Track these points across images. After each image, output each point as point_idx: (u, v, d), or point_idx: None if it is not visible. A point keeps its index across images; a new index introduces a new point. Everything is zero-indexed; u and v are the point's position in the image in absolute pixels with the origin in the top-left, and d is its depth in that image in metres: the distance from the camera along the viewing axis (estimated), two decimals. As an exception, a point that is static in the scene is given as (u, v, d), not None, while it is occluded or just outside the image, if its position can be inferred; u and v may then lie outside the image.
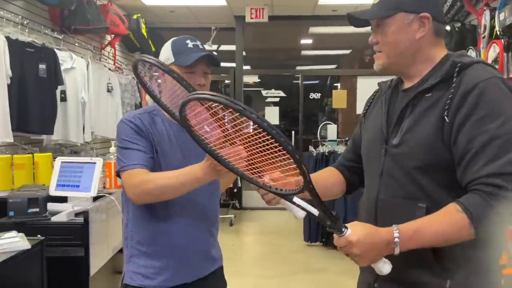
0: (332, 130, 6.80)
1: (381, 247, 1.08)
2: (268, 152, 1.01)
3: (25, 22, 3.49)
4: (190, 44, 1.54)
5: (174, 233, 1.54)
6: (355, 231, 1.08)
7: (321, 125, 6.99)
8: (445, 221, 1.08)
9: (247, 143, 1.06)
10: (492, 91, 1.10)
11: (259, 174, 1.11)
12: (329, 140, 5.94)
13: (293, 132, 7.11)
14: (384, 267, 1.11)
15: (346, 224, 1.10)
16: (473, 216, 1.05)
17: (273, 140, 0.95)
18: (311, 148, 5.55)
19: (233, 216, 6.31)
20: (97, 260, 2.54)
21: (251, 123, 0.97)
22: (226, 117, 1.08)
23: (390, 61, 1.24)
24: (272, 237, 5.62)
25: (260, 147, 1.02)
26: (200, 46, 1.56)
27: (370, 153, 1.33)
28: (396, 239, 1.08)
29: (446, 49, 1.26)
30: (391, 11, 1.20)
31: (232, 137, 1.10)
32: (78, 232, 2.38)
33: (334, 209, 4.63)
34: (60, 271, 2.25)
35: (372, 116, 1.38)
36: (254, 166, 1.10)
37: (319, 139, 6.17)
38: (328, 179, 1.46)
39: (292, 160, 0.97)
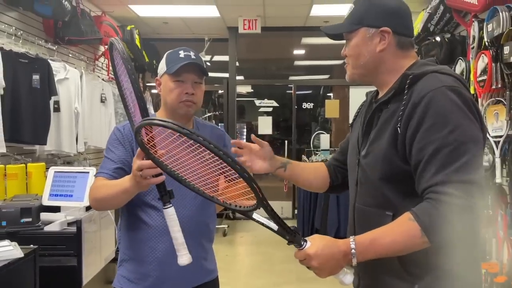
0: (325, 140, 6.85)
1: (338, 258, 1.11)
2: (222, 172, 1.05)
3: (19, 33, 3.52)
4: (182, 54, 1.59)
5: (157, 242, 1.56)
6: (314, 244, 1.11)
7: (314, 134, 7.03)
8: (399, 231, 1.11)
9: (202, 163, 1.09)
10: (439, 101, 1.12)
11: (217, 193, 1.14)
12: (322, 150, 5.98)
13: (286, 141, 7.15)
14: (346, 278, 1.14)
15: (306, 238, 1.13)
16: (424, 224, 1.07)
17: (223, 161, 0.99)
18: (304, 157, 5.59)
19: (227, 226, 6.30)
20: (90, 269, 2.54)
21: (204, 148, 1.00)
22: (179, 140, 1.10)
23: (355, 72, 1.30)
24: (265, 247, 5.62)
25: (213, 167, 1.06)
26: (193, 56, 1.60)
27: (349, 164, 1.39)
28: (353, 250, 1.10)
29: (415, 60, 1.29)
30: (354, 26, 1.27)
31: (188, 158, 1.13)
32: (71, 241, 2.39)
33: (328, 214, 4.66)
34: (53, 280, 2.25)
35: (355, 127, 1.42)
36: (210, 185, 1.14)
37: (312, 149, 6.21)
38: (314, 171, 1.53)
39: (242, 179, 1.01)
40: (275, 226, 1.11)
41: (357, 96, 6.58)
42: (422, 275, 1.16)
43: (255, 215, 1.12)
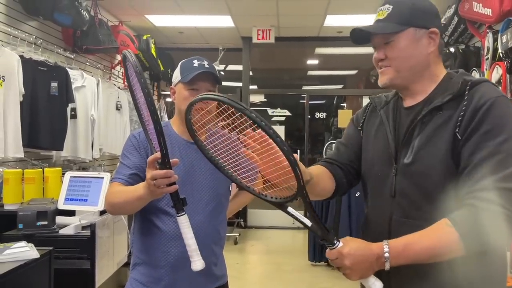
0: (337, 150, 6.82)
1: (371, 261, 1.08)
2: (266, 155, 1.04)
3: (38, 41, 3.62)
4: (196, 63, 1.63)
5: (170, 247, 1.59)
6: (347, 244, 1.09)
7: (327, 144, 7.02)
8: (435, 236, 1.07)
9: (247, 148, 1.09)
10: (498, 109, 1.11)
11: (253, 183, 1.13)
12: (334, 159, 5.95)
13: (298, 151, 7.15)
14: (375, 285, 1.11)
15: (339, 238, 1.10)
16: (462, 231, 1.04)
17: (270, 140, 0.98)
18: (316, 167, 5.58)
19: (238, 234, 6.31)
20: (103, 273, 2.57)
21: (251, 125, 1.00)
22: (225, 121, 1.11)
23: (399, 75, 1.23)
24: (276, 256, 5.61)
25: (258, 150, 1.05)
26: (206, 65, 1.63)
27: (376, 173, 1.29)
28: (386, 254, 1.07)
29: (444, 68, 1.28)
30: (402, 26, 1.20)
31: (231, 142, 1.13)
32: (85, 245, 2.43)
33: (340, 222, 4.64)
34: (67, 282, 2.29)
35: (372, 134, 1.34)
36: (248, 174, 1.13)
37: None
38: (319, 177, 1.38)
39: (287, 163, 0.99)
40: (308, 222, 1.09)
41: (370, 106, 6.55)
42: (457, 284, 1.12)
43: (289, 209, 1.09)
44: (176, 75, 1.67)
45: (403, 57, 1.21)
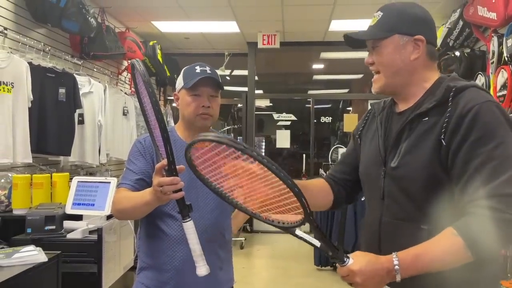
0: (343, 154, 6.82)
1: (382, 274, 1.09)
2: (269, 187, 1.05)
3: (47, 48, 3.67)
4: (198, 69, 1.66)
5: (175, 251, 1.61)
6: (357, 260, 1.10)
7: (332, 148, 7.03)
8: (442, 246, 1.09)
9: (249, 180, 1.10)
10: (485, 115, 1.12)
11: (262, 209, 1.14)
12: (340, 164, 5.95)
13: (304, 155, 7.16)
14: None
15: (348, 254, 1.12)
16: (468, 239, 1.06)
17: (273, 175, 1.00)
18: (321, 171, 5.59)
19: (244, 239, 6.32)
20: (109, 277, 2.60)
21: (252, 160, 1.01)
22: (228, 156, 1.10)
23: (387, 82, 1.27)
24: (282, 260, 5.61)
25: (261, 183, 1.07)
26: (208, 71, 1.66)
27: (369, 175, 1.34)
28: (396, 267, 1.09)
29: (438, 73, 1.29)
30: (387, 33, 1.24)
31: (235, 175, 1.14)
32: (92, 249, 2.46)
33: (346, 229, 4.63)
34: (74, 286, 2.32)
35: (369, 138, 1.39)
36: (254, 202, 1.14)
37: (330, 163, 6.21)
38: (315, 189, 1.46)
39: (292, 194, 1.01)
40: (317, 243, 1.11)
41: (376, 111, 6.55)
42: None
43: (297, 232, 1.11)
44: (179, 82, 1.69)
45: (387, 62, 1.25)
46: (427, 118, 1.20)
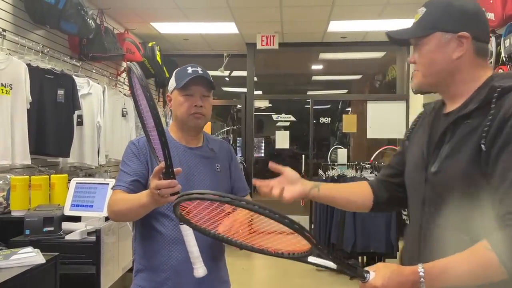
0: (342, 154, 6.83)
1: (407, 287, 1.05)
2: (270, 226, 1.05)
3: (45, 50, 3.68)
4: (190, 70, 1.67)
5: (171, 251, 1.62)
6: (379, 274, 1.06)
7: (332, 149, 7.03)
8: (473, 260, 1.02)
9: (248, 223, 1.12)
10: None
11: (267, 246, 1.14)
12: (339, 164, 5.97)
13: (303, 156, 7.16)
14: None
15: (368, 268, 1.08)
16: (502, 254, 0.99)
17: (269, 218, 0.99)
18: (320, 172, 5.59)
19: (244, 239, 6.31)
20: (108, 278, 2.60)
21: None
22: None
23: (426, 81, 1.20)
24: (282, 261, 5.55)
25: (261, 224, 1.06)
26: (200, 71, 1.67)
27: (411, 180, 1.28)
28: (422, 279, 1.03)
29: (491, 70, 1.21)
30: (427, 31, 1.16)
31: (233, 221, 1.16)
32: (90, 250, 2.47)
33: (345, 229, 4.63)
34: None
35: (415, 141, 1.32)
36: (258, 239, 1.14)
37: (329, 163, 6.22)
38: (354, 190, 1.44)
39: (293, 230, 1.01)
40: (333, 265, 1.09)
41: (375, 111, 6.57)
42: None
43: (310, 259, 1.10)
44: (172, 83, 1.71)
45: (427, 61, 1.18)
46: (469, 121, 1.12)
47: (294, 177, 1.35)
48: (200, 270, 1.36)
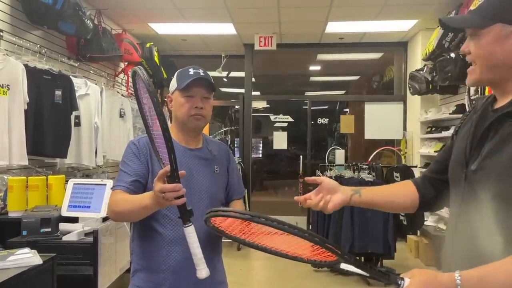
0: (340, 155, 6.84)
1: None
2: (295, 238, 1.07)
3: (43, 50, 3.67)
4: (191, 71, 1.68)
5: (170, 251, 1.61)
6: (414, 281, 1.02)
7: (329, 150, 7.04)
8: (510, 270, 0.97)
9: (275, 235, 1.16)
10: None
11: (299, 253, 1.17)
12: (337, 165, 5.97)
13: (301, 156, 7.17)
14: None
15: (403, 275, 1.05)
16: None
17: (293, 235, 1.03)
18: (318, 172, 5.60)
19: (241, 240, 6.31)
20: (105, 279, 2.60)
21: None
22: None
23: (484, 77, 1.13)
24: (279, 261, 5.59)
25: (285, 236, 1.09)
26: (201, 73, 1.68)
27: (453, 176, 1.23)
28: (459, 287, 0.99)
29: None
30: (488, 21, 1.09)
31: (260, 233, 1.21)
32: (88, 251, 2.46)
33: (342, 230, 4.63)
34: (69, 289, 2.32)
35: (461, 136, 1.25)
36: (291, 247, 1.17)
37: (326, 164, 6.22)
38: (397, 191, 1.39)
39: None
40: (366, 273, 1.08)
41: (373, 112, 6.59)
42: None
43: (342, 265, 1.10)
44: (173, 84, 1.72)
45: (485, 54, 1.10)
46: None
47: (332, 185, 1.33)
48: (203, 271, 1.38)
